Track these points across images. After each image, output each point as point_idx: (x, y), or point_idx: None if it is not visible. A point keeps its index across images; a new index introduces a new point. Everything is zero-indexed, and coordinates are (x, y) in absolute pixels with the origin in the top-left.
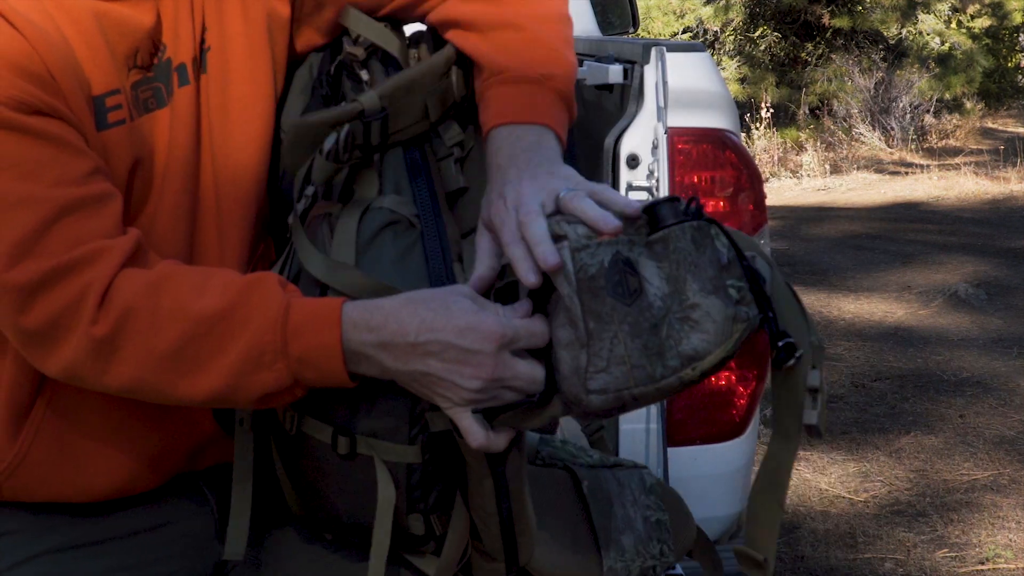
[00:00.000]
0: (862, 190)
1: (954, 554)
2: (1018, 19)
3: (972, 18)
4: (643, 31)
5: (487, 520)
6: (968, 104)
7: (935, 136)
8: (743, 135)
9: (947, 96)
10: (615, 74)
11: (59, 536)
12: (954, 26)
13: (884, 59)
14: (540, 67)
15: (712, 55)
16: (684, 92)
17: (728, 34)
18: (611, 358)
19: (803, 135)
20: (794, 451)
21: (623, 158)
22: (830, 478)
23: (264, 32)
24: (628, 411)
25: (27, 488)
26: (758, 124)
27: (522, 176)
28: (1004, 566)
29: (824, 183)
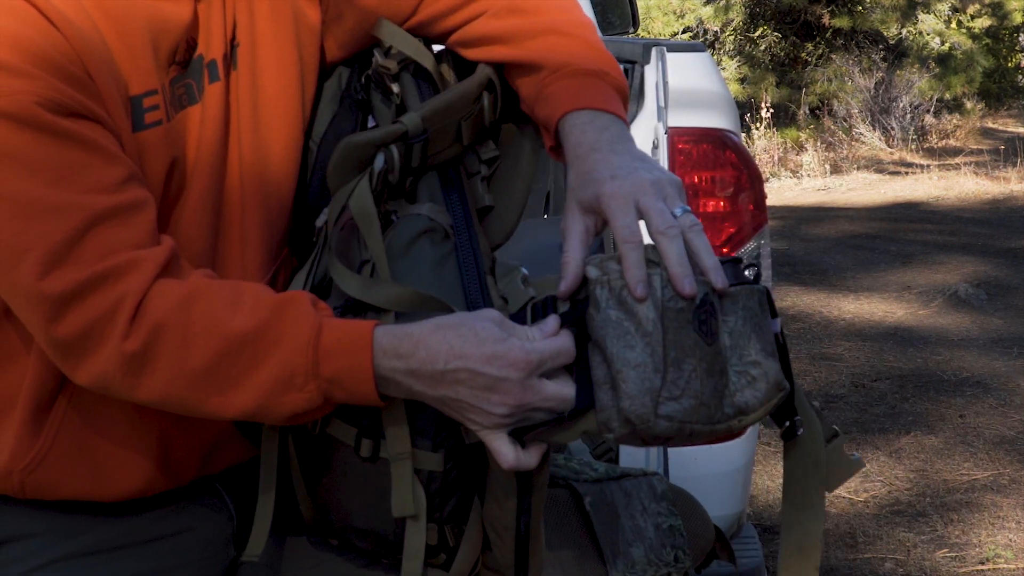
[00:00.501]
0: (862, 190)
1: (954, 554)
2: (1018, 19)
3: (972, 18)
4: (643, 31)
5: (503, 534)
6: (968, 104)
7: (935, 136)
8: (743, 135)
9: (947, 96)
10: None
11: (78, 541)
12: (954, 26)
13: (884, 59)
14: (597, 64)
15: (712, 55)
16: (684, 92)
17: (728, 34)
18: (686, 390)
19: (803, 135)
20: (822, 520)
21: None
22: None
23: (291, 32)
24: (674, 444)
25: (48, 485)
26: (758, 124)
27: (637, 165)
28: (1004, 566)
29: (824, 183)
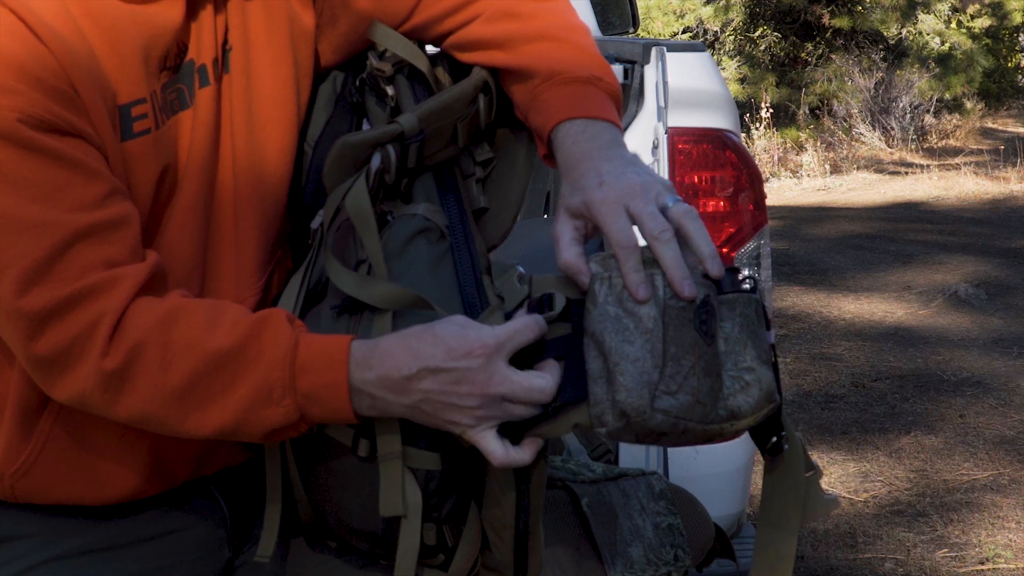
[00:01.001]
0: (862, 190)
1: (954, 554)
2: (1018, 19)
3: (972, 18)
4: (643, 31)
5: (502, 533)
6: (968, 104)
7: (935, 136)
8: (743, 135)
9: (947, 96)
10: (615, 74)
11: (71, 541)
12: (954, 26)
13: (884, 59)
14: (589, 70)
15: (712, 55)
16: (684, 92)
17: (728, 34)
18: (684, 385)
19: (803, 135)
20: (795, 542)
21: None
22: (830, 478)
23: (286, 36)
24: (666, 442)
25: (40, 489)
26: (758, 124)
27: (627, 170)
28: (1004, 566)
29: (824, 183)
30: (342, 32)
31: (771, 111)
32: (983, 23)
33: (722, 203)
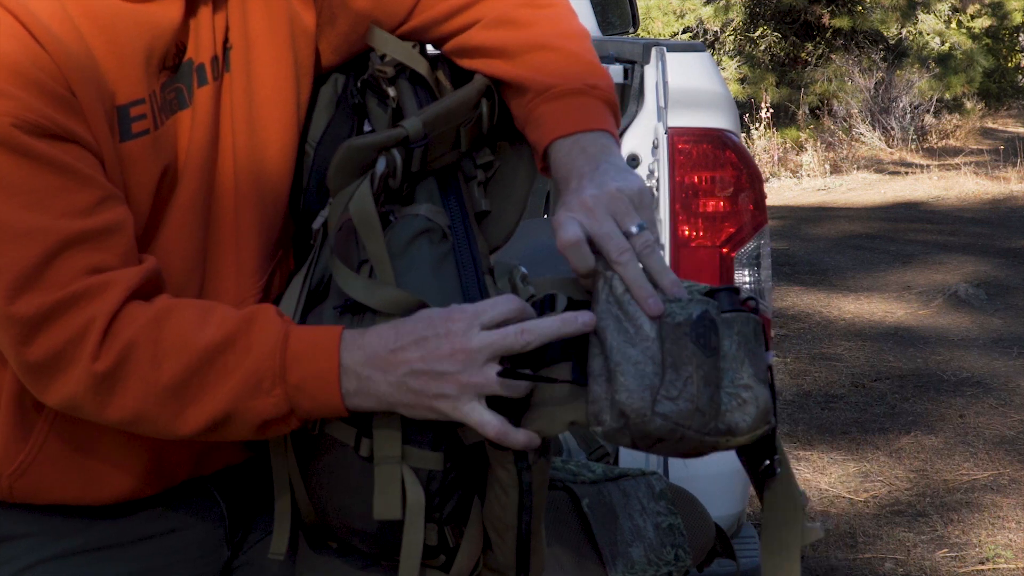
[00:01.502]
0: (862, 190)
1: (954, 554)
2: (1018, 19)
3: (972, 18)
4: (643, 31)
5: (504, 533)
6: (968, 104)
7: (935, 136)
8: (743, 135)
9: (947, 96)
10: (615, 74)
11: (69, 541)
12: (954, 26)
13: (884, 59)
14: (584, 79)
15: (712, 55)
16: (684, 92)
17: (728, 34)
18: (683, 392)
19: (803, 135)
20: (799, 564)
21: (623, 158)
22: (830, 478)
23: (287, 35)
24: (659, 449)
25: (38, 489)
26: (758, 124)
27: (608, 185)
28: (1004, 566)
29: (824, 183)
30: (341, 32)
31: (771, 111)
32: (983, 23)
33: (722, 203)
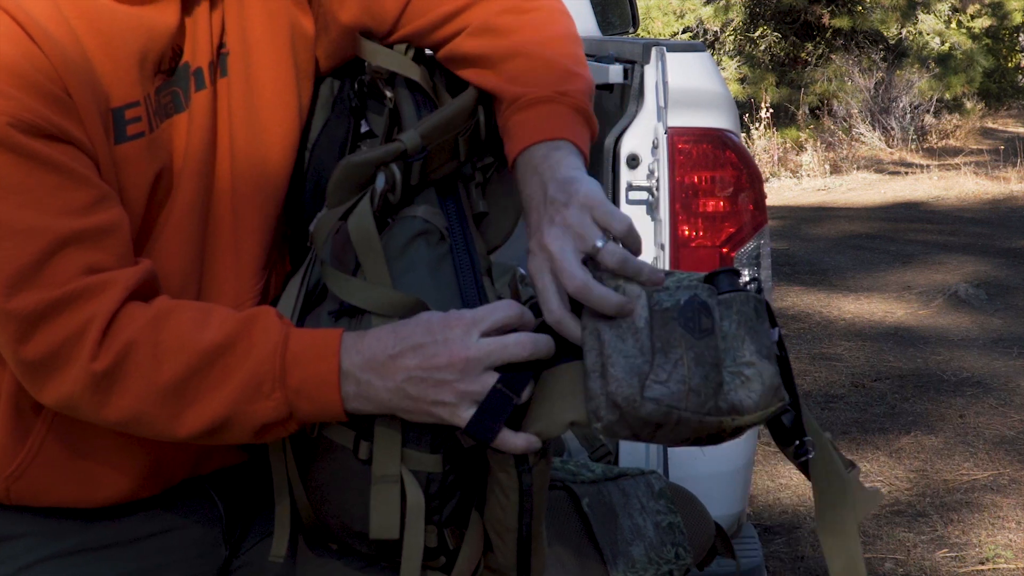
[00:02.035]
0: (862, 190)
1: (954, 554)
2: (1018, 19)
3: (972, 18)
4: (643, 31)
5: (505, 535)
6: (968, 104)
7: (935, 136)
8: (743, 135)
9: (947, 96)
10: (615, 74)
11: (66, 541)
12: (954, 26)
13: (884, 59)
14: (553, 86)
15: (712, 55)
16: (684, 92)
17: (728, 34)
18: (673, 374)
19: (803, 135)
20: (858, 541)
21: (623, 158)
22: None
23: (288, 41)
24: (661, 436)
25: (35, 492)
26: (758, 124)
27: (551, 223)
28: (1004, 566)
29: (824, 183)
30: (333, 39)
31: (771, 111)
32: (983, 23)
33: (722, 203)
